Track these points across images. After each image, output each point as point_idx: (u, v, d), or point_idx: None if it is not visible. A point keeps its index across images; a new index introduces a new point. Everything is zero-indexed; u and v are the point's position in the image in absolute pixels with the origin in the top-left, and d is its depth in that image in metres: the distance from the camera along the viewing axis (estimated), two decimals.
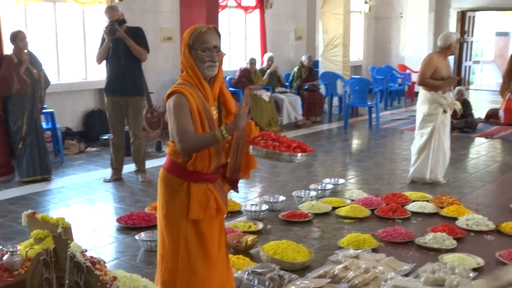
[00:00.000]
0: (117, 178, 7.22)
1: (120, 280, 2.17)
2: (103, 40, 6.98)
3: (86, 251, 2.16)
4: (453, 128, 9.64)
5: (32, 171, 7.08)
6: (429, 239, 5.02)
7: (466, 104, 10.72)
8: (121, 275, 2.21)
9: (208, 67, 3.08)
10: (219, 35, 3.16)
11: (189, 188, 3.12)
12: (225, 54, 3.19)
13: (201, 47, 3.06)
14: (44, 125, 8.03)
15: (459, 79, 7.31)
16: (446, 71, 6.88)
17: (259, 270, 4.20)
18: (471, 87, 18.67)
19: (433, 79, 6.80)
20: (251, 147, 2.92)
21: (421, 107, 7.08)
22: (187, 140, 2.96)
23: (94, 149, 9.04)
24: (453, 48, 6.87)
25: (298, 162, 3.01)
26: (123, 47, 6.88)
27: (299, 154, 2.95)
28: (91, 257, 2.14)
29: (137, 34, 7.02)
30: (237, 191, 3.46)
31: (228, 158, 3.24)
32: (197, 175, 3.12)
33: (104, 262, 2.24)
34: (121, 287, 2.15)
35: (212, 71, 3.10)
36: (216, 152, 3.12)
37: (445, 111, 6.93)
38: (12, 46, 7.00)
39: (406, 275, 4.35)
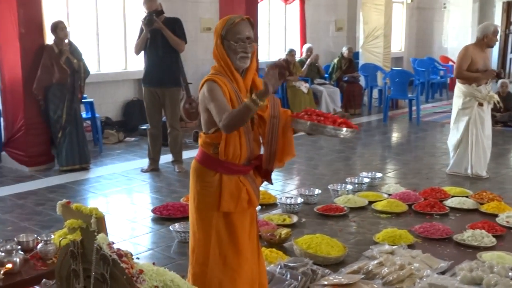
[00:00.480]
0: (154, 168, 7.27)
1: (147, 273, 2.16)
2: (141, 31, 7.02)
3: (113, 243, 2.16)
4: (496, 122, 9.43)
5: (71, 160, 7.18)
6: (468, 236, 4.90)
7: (510, 97, 10.45)
8: (148, 268, 2.20)
9: (241, 58, 3.05)
10: (252, 25, 3.11)
11: (221, 180, 3.10)
12: (257, 46, 3.14)
13: (234, 38, 3.03)
14: (83, 114, 8.14)
15: (498, 71, 7.07)
16: (483, 63, 6.71)
17: (292, 264, 4.16)
18: None
19: (469, 72, 6.66)
20: (294, 120, 2.87)
21: (456, 100, 6.98)
22: (225, 117, 2.90)
23: (132, 139, 9.13)
24: (489, 40, 6.69)
25: (343, 138, 2.94)
26: (161, 38, 6.90)
27: (344, 129, 2.88)
28: (118, 249, 2.13)
29: (175, 25, 7.04)
30: (271, 183, 3.41)
31: (262, 149, 3.20)
32: (228, 167, 3.09)
33: (132, 255, 2.24)
34: (147, 281, 2.14)
35: (244, 63, 3.07)
36: (247, 142, 3.08)
37: (481, 104, 6.77)
38: (53, 36, 7.09)
39: (443, 272, 4.25)
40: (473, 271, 4.12)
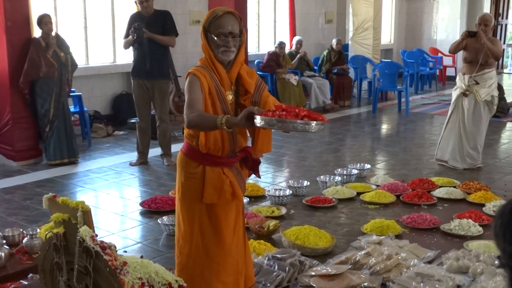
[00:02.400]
0: (142, 161, 7.26)
1: (131, 265, 2.15)
2: (128, 28, 6.99)
3: (96, 235, 2.15)
4: None
5: (59, 154, 7.16)
6: (455, 225, 4.93)
7: (498, 89, 10.48)
8: (132, 261, 2.19)
9: (223, 52, 3.03)
10: (238, 19, 3.08)
11: (204, 171, 3.10)
12: (243, 41, 3.11)
13: (216, 32, 3.02)
14: (71, 108, 8.10)
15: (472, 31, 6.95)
16: (474, 53, 6.71)
17: (280, 256, 4.17)
18: (504, 70, 18.27)
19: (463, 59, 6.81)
20: (258, 118, 2.69)
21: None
22: (193, 114, 2.89)
23: (121, 132, 9.10)
24: (478, 31, 6.70)
25: (314, 132, 2.74)
26: (150, 32, 6.87)
27: (314, 123, 2.65)
28: (101, 241, 2.13)
29: (166, 19, 7.03)
30: (258, 176, 3.41)
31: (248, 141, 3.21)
32: (212, 159, 3.09)
33: (115, 247, 2.23)
34: (131, 272, 2.13)
35: (227, 56, 3.05)
36: (229, 135, 3.08)
37: (465, 95, 6.81)
38: (40, 30, 7.04)
39: (430, 262, 4.28)
40: (460, 260, 4.15)
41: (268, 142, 3.16)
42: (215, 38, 3.01)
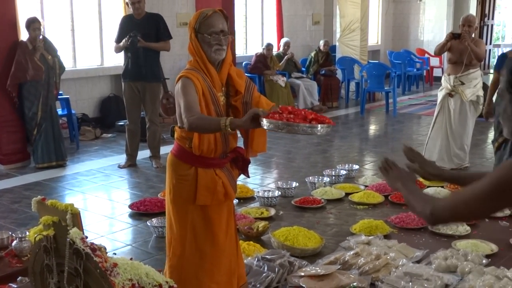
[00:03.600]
0: (131, 164, 7.25)
1: (121, 267, 2.16)
2: (120, 31, 6.99)
3: (86, 237, 2.16)
4: None
5: (47, 157, 7.13)
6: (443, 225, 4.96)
7: (484, 89, 10.56)
8: (122, 262, 2.20)
9: (216, 50, 3.06)
10: (226, 18, 3.12)
11: (196, 173, 3.11)
12: (232, 38, 3.15)
13: (208, 31, 3.04)
14: (59, 111, 8.06)
15: (456, 33, 6.97)
16: (458, 54, 6.76)
17: (269, 257, 4.19)
18: (491, 71, 18.39)
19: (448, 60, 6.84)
20: (265, 121, 2.68)
21: None
22: (193, 116, 2.88)
23: (109, 135, 9.08)
24: (461, 32, 6.73)
25: (320, 135, 2.80)
26: (142, 36, 6.87)
27: (319, 126, 2.70)
28: (92, 243, 2.13)
29: (159, 22, 7.06)
30: (248, 176, 3.44)
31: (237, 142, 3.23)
32: (204, 160, 3.11)
33: (105, 249, 2.24)
34: (121, 274, 2.13)
35: (220, 55, 3.08)
36: (222, 136, 3.10)
37: (450, 95, 6.87)
38: (27, 33, 7.02)
39: (418, 261, 4.31)
40: (448, 259, 4.19)
41: (263, 143, 3.22)
42: (208, 36, 3.03)
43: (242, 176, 3.40)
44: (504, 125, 1.96)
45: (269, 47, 11.17)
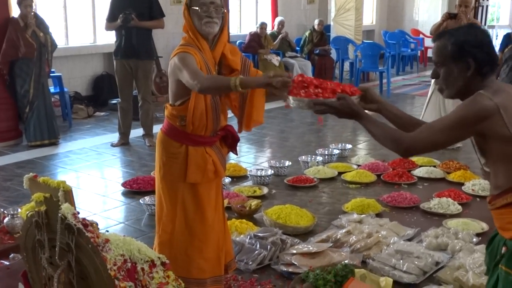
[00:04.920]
0: (124, 142, 7.24)
1: (113, 242, 2.16)
2: (112, 9, 6.92)
3: (78, 213, 2.15)
4: None
5: (40, 135, 7.11)
6: (434, 204, 4.99)
7: None
8: (114, 238, 2.20)
9: (206, 23, 3.02)
10: None
11: (187, 151, 3.11)
12: (225, 12, 3.12)
13: (198, 3, 3.03)
14: (51, 89, 8.03)
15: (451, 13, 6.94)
16: None
17: (262, 234, 4.20)
18: None
19: None
20: (290, 98, 2.51)
21: None
22: (203, 78, 2.84)
23: (102, 113, 9.05)
24: (458, 12, 6.71)
25: None
26: (135, 15, 6.81)
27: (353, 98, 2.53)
28: (84, 219, 2.13)
29: (152, 2, 6.98)
30: (236, 153, 3.46)
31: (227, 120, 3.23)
32: (195, 139, 3.11)
33: (97, 225, 2.24)
34: (113, 250, 2.13)
35: (210, 28, 3.03)
36: (214, 114, 3.10)
37: None
38: (18, 9, 6.95)
39: (409, 239, 4.34)
40: (439, 237, 4.22)
41: (262, 113, 3.25)
42: (198, 9, 3.01)
43: (235, 155, 3.41)
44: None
45: (263, 26, 11.10)
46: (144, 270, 2.19)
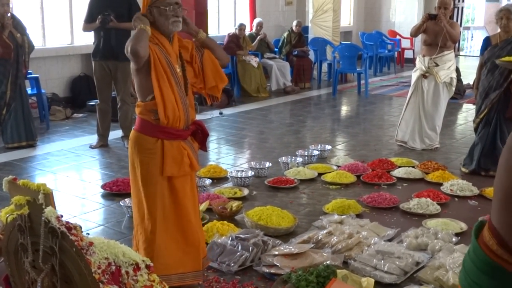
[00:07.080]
0: (103, 144, 7.19)
1: (97, 245, 2.15)
2: (90, 10, 6.87)
3: (61, 216, 2.14)
4: None
5: (17, 137, 7.02)
6: (413, 204, 5.04)
7: (457, 71, 10.68)
8: (98, 241, 2.19)
9: (173, 22, 3.20)
10: None
11: (162, 146, 3.22)
12: (186, 12, 3.30)
13: (164, 3, 3.17)
14: (29, 90, 7.93)
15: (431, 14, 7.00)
16: (433, 36, 6.81)
17: (243, 236, 4.20)
18: (461, 53, 18.62)
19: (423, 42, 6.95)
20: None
21: None
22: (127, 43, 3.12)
23: (80, 115, 8.98)
24: (438, 14, 6.77)
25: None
26: (114, 16, 6.76)
27: None
28: (67, 222, 2.11)
29: (130, 3, 6.95)
30: (205, 150, 3.58)
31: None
32: (170, 132, 3.22)
33: (81, 228, 2.22)
34: (97, 253, 2.12)
35: (178, 27, 3.22)
36: (183, 105, 3.23)
37: (424, 76, 6.93)
38: None
39: (390, 240, 4.37)
40: (419, 237, 4.26)
41: (220, 73, 3.41)
42: (165, 8, 3.15)
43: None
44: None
45: (241, 27, 11.11)
46: (129, 273, 2.18)
